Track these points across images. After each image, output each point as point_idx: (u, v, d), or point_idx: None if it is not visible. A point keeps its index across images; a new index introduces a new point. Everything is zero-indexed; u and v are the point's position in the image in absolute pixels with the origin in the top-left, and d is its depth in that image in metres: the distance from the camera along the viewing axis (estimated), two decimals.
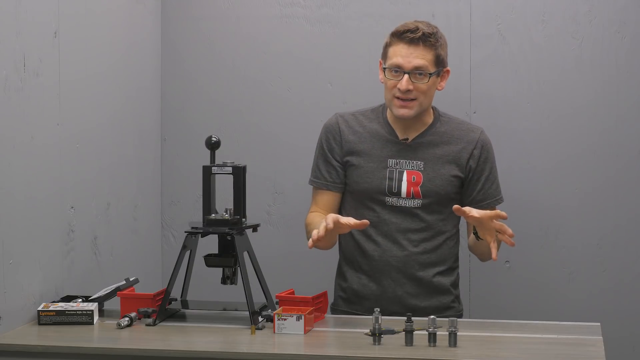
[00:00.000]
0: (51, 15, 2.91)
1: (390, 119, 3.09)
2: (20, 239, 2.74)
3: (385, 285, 3.05)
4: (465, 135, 3.07)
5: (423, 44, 2.96)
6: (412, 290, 3.04)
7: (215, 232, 2.78)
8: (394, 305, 3.00)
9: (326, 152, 3.11)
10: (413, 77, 2.96)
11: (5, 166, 2.67)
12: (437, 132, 3.07)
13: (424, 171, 3.04)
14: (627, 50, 3.46)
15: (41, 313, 2.75)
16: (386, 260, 3.03)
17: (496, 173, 3.09)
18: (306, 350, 2.51)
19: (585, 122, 3.50)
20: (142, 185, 3.58)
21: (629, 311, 3.50)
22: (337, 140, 3.10)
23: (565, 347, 2.55)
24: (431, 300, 3.04)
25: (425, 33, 2.96)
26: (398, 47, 2.98)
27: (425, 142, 3.06)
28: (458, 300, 3.13)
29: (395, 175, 3.04)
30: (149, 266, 3.64)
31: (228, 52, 3.69)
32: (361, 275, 3.08)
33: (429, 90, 3.00)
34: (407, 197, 3.03)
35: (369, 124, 3.10)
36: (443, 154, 3.05)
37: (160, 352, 2.52)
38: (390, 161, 3.05)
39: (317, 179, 3.12)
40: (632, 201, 3.49)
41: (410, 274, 3.04)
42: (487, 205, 3.04)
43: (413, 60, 2.96)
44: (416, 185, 3.03)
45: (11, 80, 2.69)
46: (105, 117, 3.28)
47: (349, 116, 3.13)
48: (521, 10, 3.51)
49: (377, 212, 3.04)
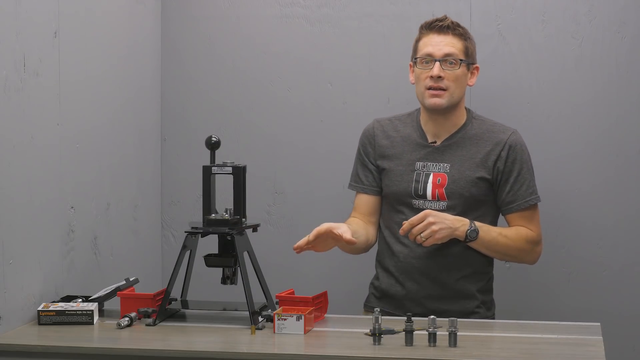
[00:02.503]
0: (51, 15, 2.91)
1: (422, 122, 3.10)
2: (20, 239, 2.74)
3: (409, 286, 3.06)
4: (494, 137, 3.07)
5: (452, 32, 3.04)
6: (435, 293, 3.04)
7: (215, 232, 2.78)
8: (417, 307, 3.01)
9: (363, 156, 3.16)
10: (444, 65, 3.00)
11: (5, 166, 2.67)
12: (467, 133, 3.07)
13: (449, 173, 3.04)
14: (627, 50, 3.46)
15: (41, 313, 2.75)
16: (410, 262, 3.04)
17: (528, 174, 3.06)
18: (306, 350, 2.51)
19: (585, 121, 3.50)
20: (142, 185, 3.58)
21: (629, 311, 3.50)
22: (372, 144, 3.14)
23: (565, 347, 2.55)
24: (454, 304, 3.03)
25: (454, 22, 3.06)
26: (428, 37, 3.05)
27: (454, 144, 3.07)
28: (486, 306, 3.10)
29: (422, 177, 3.05)
30: (149, 266, 3.64)
31: (228, 52, 3.69)
32: (390, 276, 3.10)
33: (460, 80, 3.02)
34: (433, 200, 3.03)
35: (403, 128, 3.12)
36: (470, 155, 3.05)
37: (160, 352, 2.52)
38: (418, 164, 3.07)
39: (355, 183, 3.18)
40: (632, 201, 3.49)
41: (433, 277, 3.04)
42: (517, 206, 3.04)
43: (443, 47, 3.02)
44: (441, 187, 3.03)
45: (11, 80, 2.69)
46: (105, 117, 3.28)
47: (385, 121, 3.17)
48: (521, 10, 3.51)
49: (405, 215, 3.04)
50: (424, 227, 2.90)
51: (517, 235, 3.04)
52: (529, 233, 3.06)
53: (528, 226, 3.06)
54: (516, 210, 3.05)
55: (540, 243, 3.09)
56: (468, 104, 3.52)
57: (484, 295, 3.10)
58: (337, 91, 3.63)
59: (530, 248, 3.06)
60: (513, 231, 3.04)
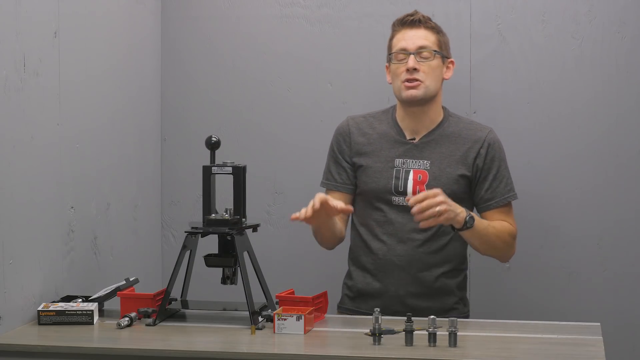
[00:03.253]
0: (51, 15, 2.91)
1: (399, 119, 3.10)
2: (20, 239, 2.74)
3: (388, 284, 3.05)
4: (472, 134, 3.08)
5: (424, 26, 3.07)
6: (415, 290, 3.04)
7: (215, 232, 2.78)
8: (397, 304, 3.01)
9: (337, 154, 3.14)
10: (418, 57, 3.03)
11: (5, 166, 2.67)
12: (445, 131, 3.08)
13: (430, 170, 3.04)
14: (627, 50, 3.46)
15: (41, 313, 2.75)
16: (390, 260, 3.04)
17: (505, 171, 3.09)
18: (306, 350, 2.51)
19: (585, 122, 3.50)
20: (142, 185, 3.58)
21: (629, 311, 3.50)
22: (347, 142, 3.13)
23: (565, 347, 2.55)
24: (434, 301, 3.04)
25: (425, 16, 3.09)
26: (401, 32, 3.08)
27: (433, 141, 3.07)
28: (463, 302, 3.13)
29: (401, 174, 3.05)
30: (149, 266, 3.64)
31: (228, 52, 3.69)
32: (366, 274, 3.09)
33: (435, 72, 3.04)
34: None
35: (378, 126, 3.12)
36: (450, 153, 3.05)
37: (160, 352, 2.52)
38: (397, 161, 3.07)
39: (328, 181, 3.16)
40: (632, 201, 3.49)
41: (413, 274, 3.04)
42: (495, 204, 3.06)
43: (416, 40, 3.05)
44: (422, 184, 3.03)
45: (11, 80, 2.69)
46: (105, 117, 3.28)
47: (359, 118, 3.16)
48: (521, 10, 3.51)
49: (384, 212, 3.05)
50: (436, 204, 2.83)
51: (502, 227, 3.05)
52: (511, 227, 3.08)
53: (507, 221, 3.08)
54: (494, 207, 3.06)
55: (516, 239, 3.11)
56: (468, 104, 3.53)
57: (461, 291, 3.13)
58: (337, 91, 3.63)
59: (512, 242, 3.08)
60: (498, 224, 3.05)
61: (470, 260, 3.48)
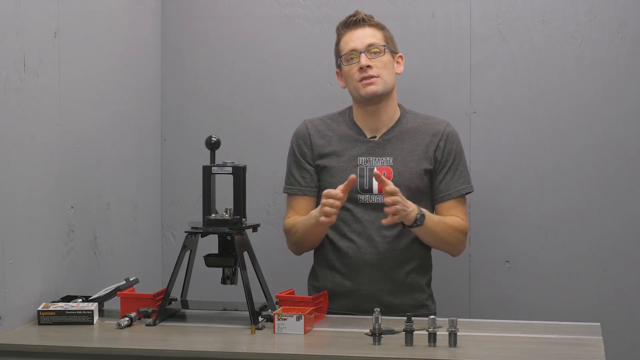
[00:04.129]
0: (51, 15, 2.91)
1: (358, 119, 3.11)
2: (20, 239, 2.74)
3: (361, 282, 3.05)
4: (431, 128, 3.09)
5: (368, 25, 3.09)
6: (387, 287, 3.04)
7: (215, 232, 2.78)
8: (369, 302, 2.98)
9: (299, 157, 3.14)
10: (369, 55, 3.04)
11: (5, 166, 2.67)
12: (404, 127, 3.09)
13: (393, 166, 3.05)
14: (627, 50, 3.46)
15: (41, 313, 2.75)
16: (361, 258, 3.03)
17: (461, 165, 3.09)
18: (306, 350, 2.51)
19: (585, 122, 3.50)
20: (142, 185, 3.58)
21: (629, 311, 3.50)
22: (308, 144, 3.14)
23: (565, 347, 2.55)
24: (406, 297, 3.05)
25: (367, 15, 3.11)
26: (347, 34, 3.09)
27: (394, 137, 3.08)
28: (432, 299, 3.14)
29: (365, 172, 3.05)
30: (149, 266, 3.64)
31: (228, 52, 3.69)
32: (335, 273, 3.08)
33: (388, 67, 3.05)
34: (379, 194, 3.03)
35: (337, 127, 3.13)
36: (411, 148, 3.06)
37: (160, 352, 2.52)
38: (360, 159, 3.07)
39: (291, 186, 3.15)
40: (632, 201, 3.49)
41: (385, 271, 3.04)
42: (448, 196, 3.06)
43: (364, 39, 3.06)
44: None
45: (11, 80, 2.69)
46: (105, 117, 3.28)
47: (317, 121, 3.17)
48: (521, 10, 3.51)
49: (351, 211, 3.05)
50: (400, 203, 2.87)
51: (453, 223, 3.04)
52: (462, 223, 3.07)
53: (459, 216, 3.07)
54: (447, 199, 3.06)
55: (467, 234, 3.10)
56: (468, 105, 3.53)
57: (429, 288, 3.13)
58: (337, 91, 3.62)
59: (462, 238, 3.08)
60: (450, 220, 3.05)
61: (470, 260, 3.49)
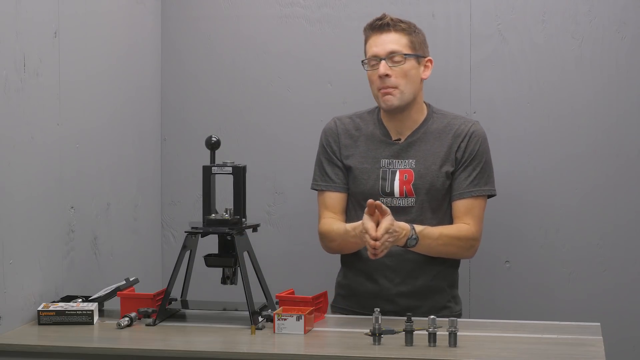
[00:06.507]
0: (51, 15, 2.91)
1: (384, 120, 3.10)
2: (20, 239, 2.74)
3: (381, 284, 3.04)
4: (456, 129, 3.06)
5: (394, 29, 3.02)
6: (407, 290, 3.03)
7: (215, 232, 2.78)
8: (389, 304, 2.99)
9: (330, 154, 3.12)
10: (390, 62, 3.00)
11: (5, 166, 2.67)
12: (429, 128, 3.07)
13: (415, 169, 3.04)
14: (627, 50, 3.46)
15: (41, 313, 2.75)
16: (381, 261, 3.01)
17: (480, 165, 3.03)
18: (306, 350, 2.51)
19: (585, 122, 3.50)
20: (142, 185, 3.58)
21: (629, 311, 3.50)
22: (337, 142, 3.12)
23: (565, 347, 2.55)
24: (426, 300, 3.04)
25: (394, 18, 3.04)
26: (372, 38, 3.05)
27: (417, 140, 3.06)
28: (455, 300, 3.12)
29: (388, 175, 3.05)
30: (149, 266, 3.64)
31: (228, 52, 3.69)
32: (358, 274, 3.08)
33: (409, 75, 3.00)
34: (401, 197, 3.03)
35: (364, 126, 3.11)
36: (435, 150, 3.04)
37: (160, 352, 2.52)
38: (383, 161, 3.06)
39: (324, 182, 3.12)
40: (632, 201, 3.49)
41: (405, 274, 3.03)
42: (459, 196, 3.01)
43: (387, 45, 3.01)
44: (408, 183, 3.03)
45: (11, 80, 2.69)
46: (105, 117, 3.28)
47: (346, 119, 3.15)
48: (521, 10, 3.51)
49: None
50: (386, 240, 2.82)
51: (457, 233, 2.99)
52: (469, 229, 3.01)
53: (469, 220, 3.02)
54: (459, 199, 3.01)
55: (479, 239, 3.04)
56: (468, 105, 3.53)
57: (453, 289, 3.11)
58: (337, 91, 3.63)
59: (467, 245, 3.02)
60: (454, 230, 3.00)
61: (470, 260, 3.48)
